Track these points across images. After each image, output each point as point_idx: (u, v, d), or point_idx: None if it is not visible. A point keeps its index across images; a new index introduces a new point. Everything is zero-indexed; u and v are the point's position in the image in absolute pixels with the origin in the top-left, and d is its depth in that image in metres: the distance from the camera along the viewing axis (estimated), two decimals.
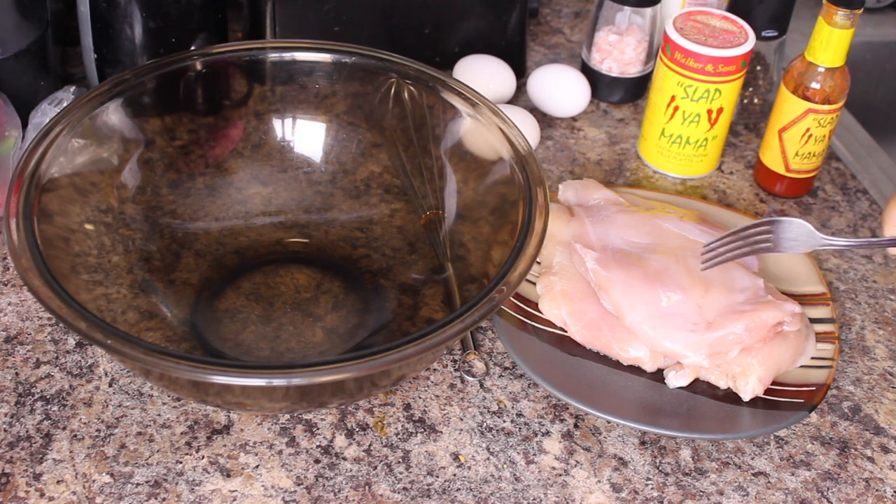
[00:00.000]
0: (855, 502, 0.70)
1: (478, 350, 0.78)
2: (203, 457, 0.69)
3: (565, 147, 0.99)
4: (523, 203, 0.71)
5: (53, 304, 0.62)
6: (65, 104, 0.85)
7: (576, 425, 0.74)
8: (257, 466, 0.69)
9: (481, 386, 0.76)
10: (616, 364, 0.76)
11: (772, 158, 0.93)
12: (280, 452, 0.70)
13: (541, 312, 0.78)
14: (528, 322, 0.77)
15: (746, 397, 0.73)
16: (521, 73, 1.04)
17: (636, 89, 1.04)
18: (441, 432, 0.72)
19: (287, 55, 0.82)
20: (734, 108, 0.94)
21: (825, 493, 0.71)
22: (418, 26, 1.00)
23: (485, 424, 0.73)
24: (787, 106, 0.90)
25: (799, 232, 0.74)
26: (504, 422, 0.73)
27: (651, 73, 1.03)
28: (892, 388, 0.78)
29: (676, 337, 0.74)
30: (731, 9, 0.97)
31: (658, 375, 0.75)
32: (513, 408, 0.74)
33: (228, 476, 0.68)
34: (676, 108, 0.92)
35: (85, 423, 0.70)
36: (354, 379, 0.64)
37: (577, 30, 1.15)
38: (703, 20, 0.92)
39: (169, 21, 0.90)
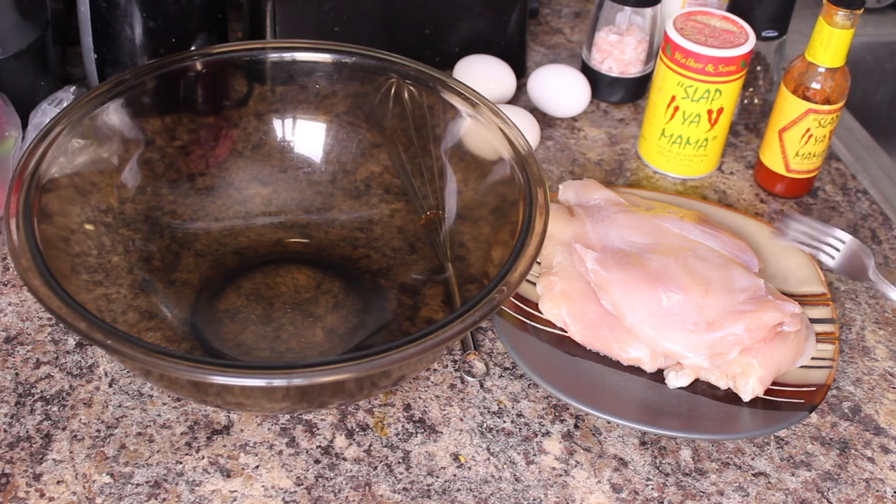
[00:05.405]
0: (855, 503, 0.70)
1: (478, 350, 0.78)
2: (203, 457, 0.69)
3: (565, 147, 0.99)
4: (523, 203, 0.71)
5: (53, 304, 0.62)
6: (65, 104, 0.85)
7: (576, 425, 0.74)
8: (257, 467, 0.69)
9: (481, 386, 0.76)
10: (616, 364, 0.76)
11: (772, 158, 0.93)
12: (280, 453, 0.70)
13: (541, 312, 0.78)
14: (528, 322, 0.77)
15: (746, 398, 0.73)
16: (521, 73, 1.04)
17: (636, 89, 1.04)
18: (441, 433, 0.72)
19: (287, 55, 0.82)
20: (734, 108, 0.94)
21: (825, 494, 0.71)
22: (418, 26, 1.00)
23: (485, 425, 0.73)
24: (788, 106, 0.90)
25: (861, 263, 0.83)
26: (504, 422, 0.73)
27: (651, 73, 1.03)
28: (893, 388, 0.78)
29: (676, 337, 0.74)
30: (731, 9, 0.97)
31: (658, 376, 0.75)
32: (513, 408, 0.74)
33: (228, 476, 0.68)
34: (677, 109, 0.92)
35: (85, 424, 0.70)
36: (355, 379, 0.64)
37: (577, 30, 1.15)
38: (703, 20, 0.92)
39: (169, 21, 0.90)
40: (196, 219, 0.82)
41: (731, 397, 0.74)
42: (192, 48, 0.92)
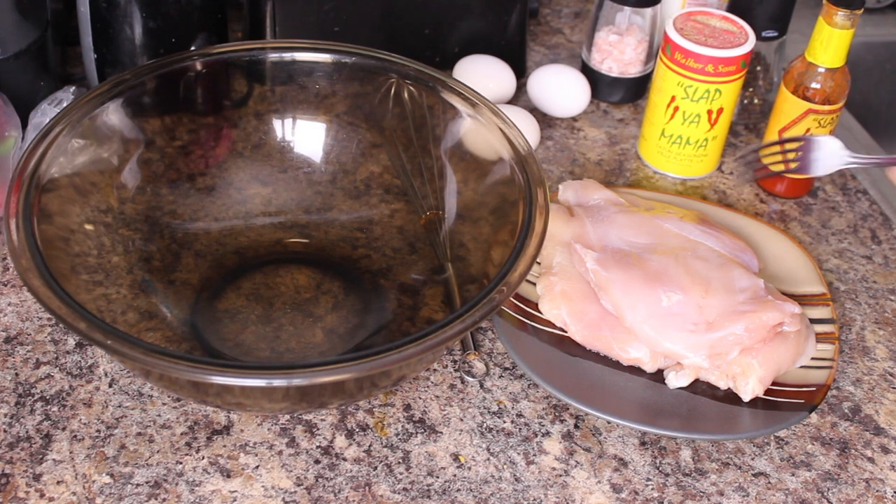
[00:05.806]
0: (855, 503, 0.70)
1: (478, 350, 0.78)
2: (203, 457, 0.69)
3: (565, 147, 0.99)
4: (523, 203, 0.71)
5: (53, 304, 0.62)
6: (65, 104, 0.85)
7: (576, 426, 0.74)
8: (257, 467, 0.69)
9: (481, 386, 0.76)
10: (616, 364, 0.76)
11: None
12: (280, 453, 0.70)
13: (541, 312, 0.78)
14: (528, 322, 0.77)
15: (746, 398, 0.73)
16: (521, 73, 1.04)
17: (636, 89, 1.04)
18: (441, 433, 0.72)
19: (287, 55, 0.82)
20: (734, 108, 0.94)
21: (825, 494, 0.71)
22: (418, 26, 1.00)
23: (485, 425, 0.73)
24: (788, 106, 0.90)
25: (828, 151, 0.83)
26: (504, 422, 0.73)
27: (651, 73, 1.03)
28: (893, 388, 0.78)
29: (676, 337, 0.74)
30: (731, 9, 0.97)
31: (658, 376, 0.75)
32: (513, 408, 0.74)
33: (228, 476, 0.68)
34: (676, 109, 0.92)
35: (85, 424, 0.70)
36: (355, 379, 0.64)
37: (577, 30, 1.15)
38: (703, 20, 0.92)
39: (169, 21, 0.90)
40: (196, 219, 0.82)
41: (731, 397, 0.74)
42: (192, 48, 0.92)
